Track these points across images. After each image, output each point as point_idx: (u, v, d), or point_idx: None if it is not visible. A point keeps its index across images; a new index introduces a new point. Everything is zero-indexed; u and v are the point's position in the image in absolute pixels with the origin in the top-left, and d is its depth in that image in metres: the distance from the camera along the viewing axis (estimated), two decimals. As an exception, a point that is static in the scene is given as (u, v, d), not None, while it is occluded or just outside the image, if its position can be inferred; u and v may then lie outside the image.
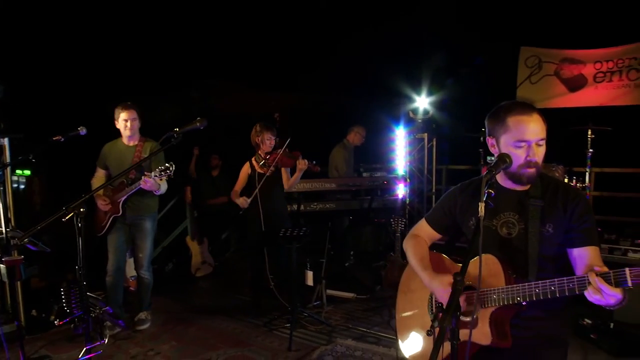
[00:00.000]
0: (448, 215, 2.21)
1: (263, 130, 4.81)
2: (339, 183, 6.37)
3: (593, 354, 3.92)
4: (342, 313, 4.97)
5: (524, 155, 1.88)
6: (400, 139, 7.46)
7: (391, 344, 4.18)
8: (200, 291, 5.90)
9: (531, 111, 1.90)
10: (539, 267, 1.90)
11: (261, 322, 4.70)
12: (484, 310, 1.88)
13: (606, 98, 6.94)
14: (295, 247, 4.41)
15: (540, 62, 7.51)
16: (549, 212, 1.92)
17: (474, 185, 2.16)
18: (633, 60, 6.75)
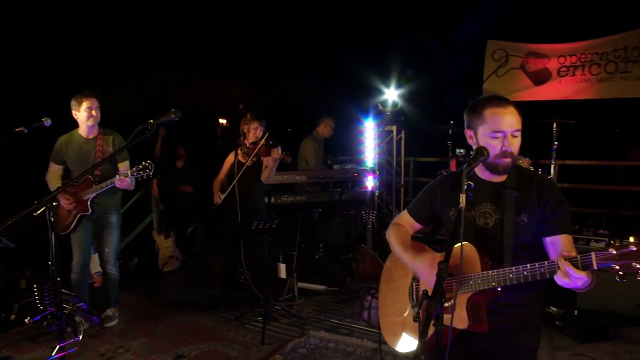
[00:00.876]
0: (428, 206, 2.30)
1: (252, 119, 4.82)
2: (309, 175, 6.42)
3: (559, 340, 4.12)
4: (313, 305, 5.04)
5: (500, 146, 1.99)
6: (370, 131, 7.55)
7: (364, 335, 4.28)
8: (169, 286, 5.86)
9: (507, 104, 2.01)
10: (514, 255, 2.00)
11: (233, 316, 4.72)
12: (461, 296, 1.98)
13: (570, 92, 7.23)
14: (268, 240, 4.44)
15: (507, 55, 7.74)
16: (523, 202, 2.03)
17: (453, 178, 2.25)
18: (595, 56, 7.04)
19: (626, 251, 1.58)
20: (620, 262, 1.60)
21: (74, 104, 4.15)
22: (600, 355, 3.85)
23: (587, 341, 4.06)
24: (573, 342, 4.08)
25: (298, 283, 5.25)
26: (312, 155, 6.81)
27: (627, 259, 1.58)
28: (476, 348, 2.08)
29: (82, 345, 4.06)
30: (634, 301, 4.47)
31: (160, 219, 6.38)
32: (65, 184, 3.56)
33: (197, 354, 3.93)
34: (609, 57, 6.95)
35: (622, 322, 4.41)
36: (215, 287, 5.41)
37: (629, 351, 3.93)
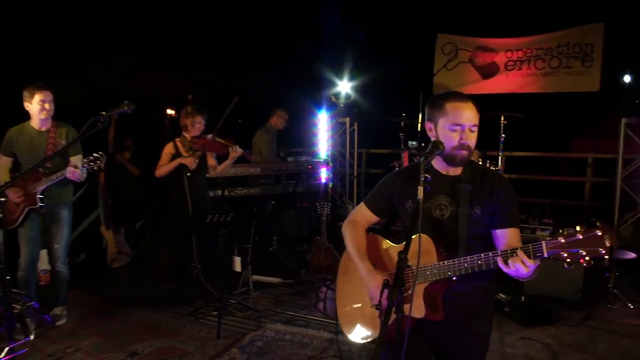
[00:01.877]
0: (386, 199, 2.37)
1: (195, 112, 4.75)
2: (264, 168, 6.43)
3: (507, 325, 4.35)
4: (269, 298, 5.09)
5: (458, 138, 2.09)
6: (323, 123, 7.62)
7: (320, 325, 4.37)
8: (119, 283, 5.75)
9: (467, 100, 2.13)
10: (468, 246, 2.12)
11: (187, 312, 4.70)
12: (418, 286, 2.07)
13: (516, 85, 7.56)
14: (223, 233, 4.44)
15: (457, 49, 7.98)
16: (477, 195, 2.15)
17: (409, 171, 2.33)
18: (540, 51, 7.39)
19: (574, 239, 1.71)
20: (569, 249, 1.72)
21: (26, 96, 4.02)
22: (545, 338, 4.10)
23: (533, 325, 4.32)
24: (520, 327, 4.32)
25: (253, 276, 5.27)
26: (266, 147, 6.82)
27: (575, 247, 1.71)
28: (432, 336, 2.19)
29: (29, 346, 3.94)
30: (575, 286, 4.79)
31: (108, 213, 6.24)
32: (14, 177, 3.43)
33: (151, 350, 3.90)
34: (552, 52, 7.31)
35: (564, 306, 4.72)
36: (168, 283, 5.36)
37: (570, 333, 4.21)
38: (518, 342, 4.05)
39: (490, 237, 2.14)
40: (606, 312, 4.62)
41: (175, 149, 4.80)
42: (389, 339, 1.86)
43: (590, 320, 4.44)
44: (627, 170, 6.12)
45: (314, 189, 6.98)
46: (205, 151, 4.78)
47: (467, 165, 2.19)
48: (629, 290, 5.16)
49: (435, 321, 2.08)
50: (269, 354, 3.84)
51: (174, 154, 4.78)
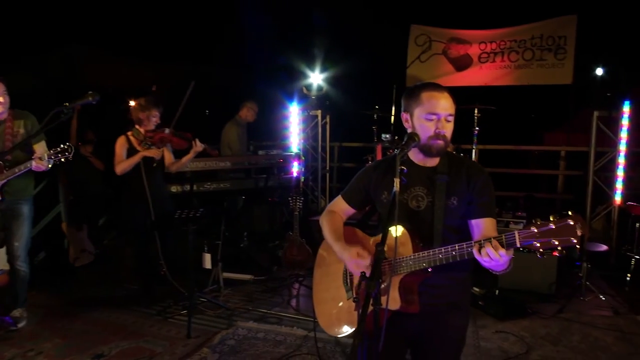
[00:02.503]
0: (363, 191, 2.41)
1: (150, 106, 4.68)
2: (233, 161, 6.40)
3: (481, 319, 4.46)
4: (240, 295, 5.09)
5: (434, 128, 2.14)
6: (294, 115, 7.63)
7: (293, 322, 4.40)
8: (82, 282, 5.64)
9: (443, 90, 2.19)
10: (444, 237, 2.16)
11: (154, 311, 4.66)
12: (394, 278, 2.11)
13: (490, 78, 7.71)
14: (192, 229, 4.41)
15: (430, 41, 8.09)
16: (453, 186, 2.20)
17: (386, 163, 2.38)
18: (513, 43, 7.56)
19: (546, 229, 1.76)
20: (541, 239, 1.77)
21: None
22: (520, 331, 4.22)
23: (508, 318, 4.44)
24: (495, 320, 4.44)
25: (223, 273, 5.26)
26: (236, 140, 6.79)
27: (547, 236, 1.76)
28: (408, 329, 2.23)
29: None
30: (548, 279, 4.93)
31: (70, 209, 6.12)
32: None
33: (118, 352, 3.86)
34: (526, 44, 7.48)
35: (538, 299, 4.86)
36: (133, 282, 5.30)
37: (544, 325, 4.35)
38: (493, 335, 4.16)
39: (466, 230, 2.19)
40: (579, 305, 4.78)
41: (128, 143, 4.71)
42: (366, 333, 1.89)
43: (563, 312, 4.58)
44: (599, 163, 6.33)
45: (285, 184, 6.98)
46: (162, 146, 4.72)
47: (444, 156, 2.24)
48: (601, 283, 5.35)
49: (411, 314, 2.13)
50: (241, 353, 3.85)
51: (129, 148, 4.70)
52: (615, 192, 6.13)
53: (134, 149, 4.67)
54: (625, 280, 5.30)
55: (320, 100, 7.90)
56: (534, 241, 1.79)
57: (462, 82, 7.85)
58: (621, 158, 6.06)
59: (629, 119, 6.01)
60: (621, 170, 6.07)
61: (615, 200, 6.13)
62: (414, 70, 8.06)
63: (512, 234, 1.84)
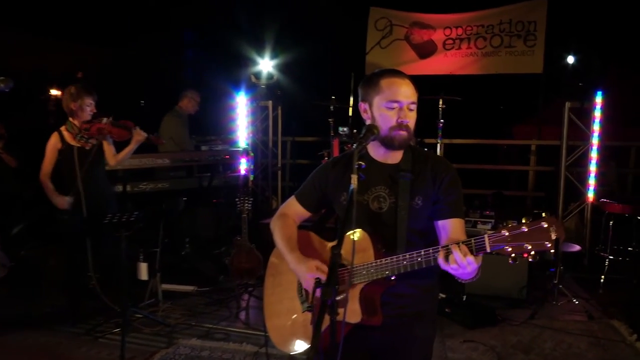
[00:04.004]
0: (319, 191, 2.38)
1: (82, 94, 4.54)
2: (173, 158, 6.29)
3: (448, 328, 4.54)
4: (182, 309, 5.00)
5: (396, 117, 2.13)
6: (242, 106, 7.55)
7: (242, 338, 4.35)
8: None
9: (404, 76, 2.19)
10: (408, 241, 2.16)
11: (83, 330, 4.52)
12: (354, 287, 2.09)
13: (455, 66, 7.85)
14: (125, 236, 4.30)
15: (391, 25, 8.17)
16: (418, 185, 2.20)
17: (345, 159, 2.34)
18: (480, 28, 7.72)
19: (518, 232, 1.78)
20: (513, 243, 1.79)
21: None
22: (489, 340, 4.31)
23: (476, 326, 4.53)
24: (462, 329, 4.52)
25: (162, 285, 5.16)
26: (180, 132, 6.69)
27: (519, 240, 1.78)
28: (370, 343, 2.23)
29: None
30: (519, 283, 5.06)
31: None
32: None
33: (38, 377, 3.73)
34: (494, 30, 7.66)
35: (508, 304, 4.99)
36: (57, 297, 5.13)
37: (515, 333, 4.46)
38: (460, 345, 4.23)
39: (433, 232, 2.20)
40: (551, 309, 4.93)
41: (61, 141, 4.56)
42: (323, 348, 1.87)
43: (535, 318, 4.71)
44: (571, 158, 6.55)
45: (232, 183, 6.91)
46: (101, 138, 4.59)
47: (407, 151, 2.24)
48: (574, 285, 5.54)
49: (373, 326, 2.13)
50: (183, 374, 3.78)
51: (60, 148, 4.54)
52: (588, 189, 6.35)
53: (69, 146, 4.53)
54: (599, 283, 5.50)
55: (271, 89, 7.85)
56: (505, 245, 1.80)
57: (425, 70, 7.97)
58: (594, 152, 6.29)
59: (602, 110, 6.23)
60: (594, 165, 6.30)
61: (588, 197, 6.36)
62: (374, 57, 8.14)
63: (482, 238, 1.85)
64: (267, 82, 7.77)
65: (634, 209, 5.42)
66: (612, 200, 5.63)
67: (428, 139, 6.75)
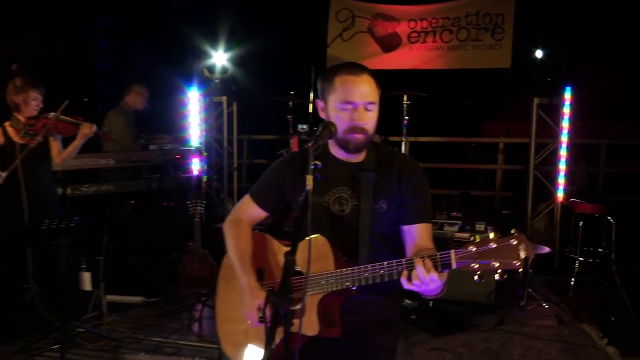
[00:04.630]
0: (276, 191, 2.34)
1: (27, 87, 4.42)
2: (118, 158, 6.16)
3: (414, 335, 4.56)
4: (129, 322, 4.90)
5: (350, 119, 2.10)
6: (194, 102, 7.48)
7: (195, 352, 4.30)
8: None
9: (361, 72, 2.13)
10: (371, 247, 2.15)
11: (17, 348, 4.37)
12: (312, 298, 2.06)
13: (421, 60, 7.93)
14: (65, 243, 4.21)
15: (353, 16, 8.20)
16: (382, 186, 2.18)
17: (303, 156, 2.27)
18: (446, 21, 7.81)
19: (486, 249, 1.78)
20: (480, 260, 1.79)
21: None
22: (457, 347, 4.36)
23: (443, 333, 4.57)
24: (429, 336, 4.55)
25: (107, 296, 5.05)
26: (125, 131, 6.56)
27: (486, 258, 1.78)
28: (328, 354, 2.20)
29: None
30: (487, 288, 5.13)
31: None
32: None
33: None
34: (460, 22, 7.76)
35: (477, 310, 5.05)
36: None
37: (483, 339, 4.52)
38: (427, 353, 4.26)
39: (397, 237, 2.19)
40: (520, 314, 5.01)
41: (4, 136, 4.44)
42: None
43: (504, 324, 4.78)
44: (540, 156, 6.68)
45: (183, 184, 6.83)
46: (47, 135, 4.48)
47: (371, 149, 2.22)
48: (543, 289, 5.65)
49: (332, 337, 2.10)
50: (129, 392, 3.71)
51: (3, 144, 4.42)
52: (558, 188, 6.49)
53: (11, 142, 4.41)
54: (570, 285, 5.62)
55: (226, 84, 7.79)
56: (471, 262, 1.80)
57: (390, 64, 8.02)
58: (563, 150, 6.43)
59: (571, 106, 6.37)
60: (563, 163, 6.43)
61: (558, 196, 6.49)
62: (335, 50, 8.15)
63: (447, 253, 1.84)
64: (221, 76, 7.70)
65: (603, 209, 5.55)
66: (582, 200, 5.75)
67: (392, 137, 6.78)
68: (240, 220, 2.39)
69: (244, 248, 2.31)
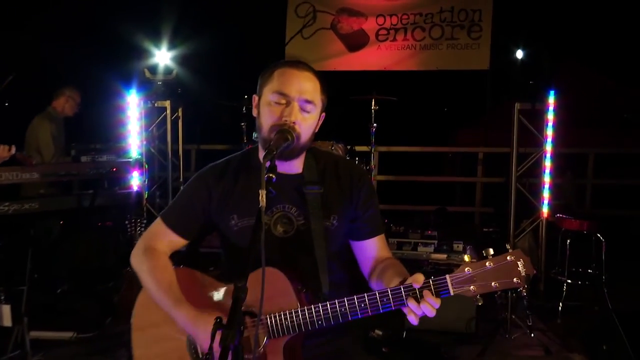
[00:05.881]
0: (199, 213, 2.21)
1: None
2: (44, 172, 6.03)
3: (386, 371, 4.56)
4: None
5: (280, 114, 2.03)
6: (133, 108, 7.38)
7: (134, 395, 4.20)
8: None
9: (305, 68, 2.11)
10: (330, 271, 2.12)
11: None
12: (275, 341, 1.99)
13: (390, 61, 8.01)
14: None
15: (314, 11, 8.25)
16: (331, 200, 2.15)
17: (233, 168, 2.23)
18: (418, 17, 7.92)
19: (483, 270, 1.81)
20: (479, 283, 1.81)
21: None
22: (433, 384, 4.36)
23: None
24: (402, 372, 4.55)
25: (31, 332, 4.93)
26: (49, 141, 6.45)
27: (485, 279, 1.81)
28: None
29: None
30: (467, 315, 5.14)
31: None
32: None
33: None
34: (434, 19, 7.88)
35: (456, 340, 5.04)
36: None
37: (463, 374, 4.53)
38: (400, 392, 4.25)
39: (347, 251, 2.19)
40: (504, 344, 5.03)
41: None
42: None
43: (486, 355, 4.79)
44: (522, 168, 6.76)
45: (121, 201, 6.70)
46: None
47: (308, 156, 2.17)
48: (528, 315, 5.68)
49: None
50: None
51: None
52: (542, 203, 6.57)
53: None
54: (557, 311, 5.67)
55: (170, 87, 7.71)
56: (470, 285, 1.82)
57: (356, 65, 8.08)
58: (547, 160, 6.51)
59: (555, 112, 6.47)
60: (548, 175, 6.51)
61: (543, 212, 6.57)
62: (294, 48, 8.18)
63: (443, 279, 1.84)
64: (165, 77, 7.63)
65: (592, 225, 5.63)
66: (568, 215, 5.82)
67: (359, 146, 6.80)
68: (154, 251, 2.23)
69: (170, 279, 2.16)
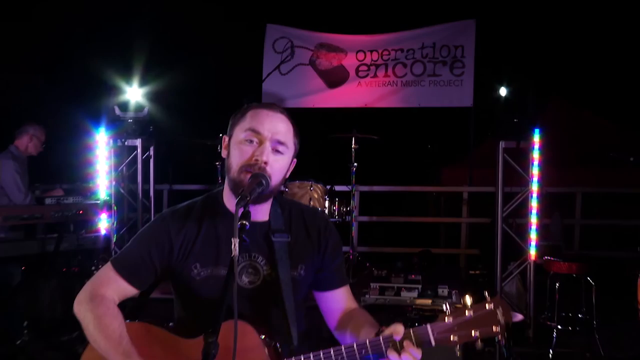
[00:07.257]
0: (155, 260, 2.12)
1: None
2: (6, 215, 5.96)
3: None
4: (16, 421, 4.69)
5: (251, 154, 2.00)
6: (102, 146, 7.35)
7: None
8: None
9: (279, 111, 2.11)
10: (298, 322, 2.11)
11: None
12: None
13: (371, 98, 8.06)
14: None
15: (292, 46, 8.31)
16: (298, 249, 2.16)
17: (195, 214, 2.17)
18: (399, 53, 8.00)
19: (464, 320, 1.81)
20: (459, 332, 1.82)
21: None
22: None
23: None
24: None
25: (-12, 387, 4.83)
26: (12, 182, 6.38)
27: (466, 328, 1.81)
28: None
29: None
30: None
31: None
32: None
33: None
34: (415, 55, 7.96)
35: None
36: None
37: None
38: None
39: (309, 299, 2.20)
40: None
41: None
42: None
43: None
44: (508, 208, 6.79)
45: (88, 246, 6.64)
46: None
47: (273, 203, 2.16)
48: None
49: None
50: None
51: None
52: (530, 244, 6.58)
53: None
54: (547, 358, 5.63)
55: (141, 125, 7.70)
56: (451, 335, 1.83)
57: (335, 102, 8.12)
58: (534, 200, 6.55)
59: (540, 150, 6.52)
60: (534, 216, 6.54)
61: (530, 254, 6.57)
62: (272, 85, 8.20)
63: (424, 328, 1.84)
64: (136, 115, 7.61)
65: (582, 268, 5.62)
66: (557, 258, 5.82)
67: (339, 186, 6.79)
68: (102, 298, 2.12)
69: (120, 330, 2.05)
